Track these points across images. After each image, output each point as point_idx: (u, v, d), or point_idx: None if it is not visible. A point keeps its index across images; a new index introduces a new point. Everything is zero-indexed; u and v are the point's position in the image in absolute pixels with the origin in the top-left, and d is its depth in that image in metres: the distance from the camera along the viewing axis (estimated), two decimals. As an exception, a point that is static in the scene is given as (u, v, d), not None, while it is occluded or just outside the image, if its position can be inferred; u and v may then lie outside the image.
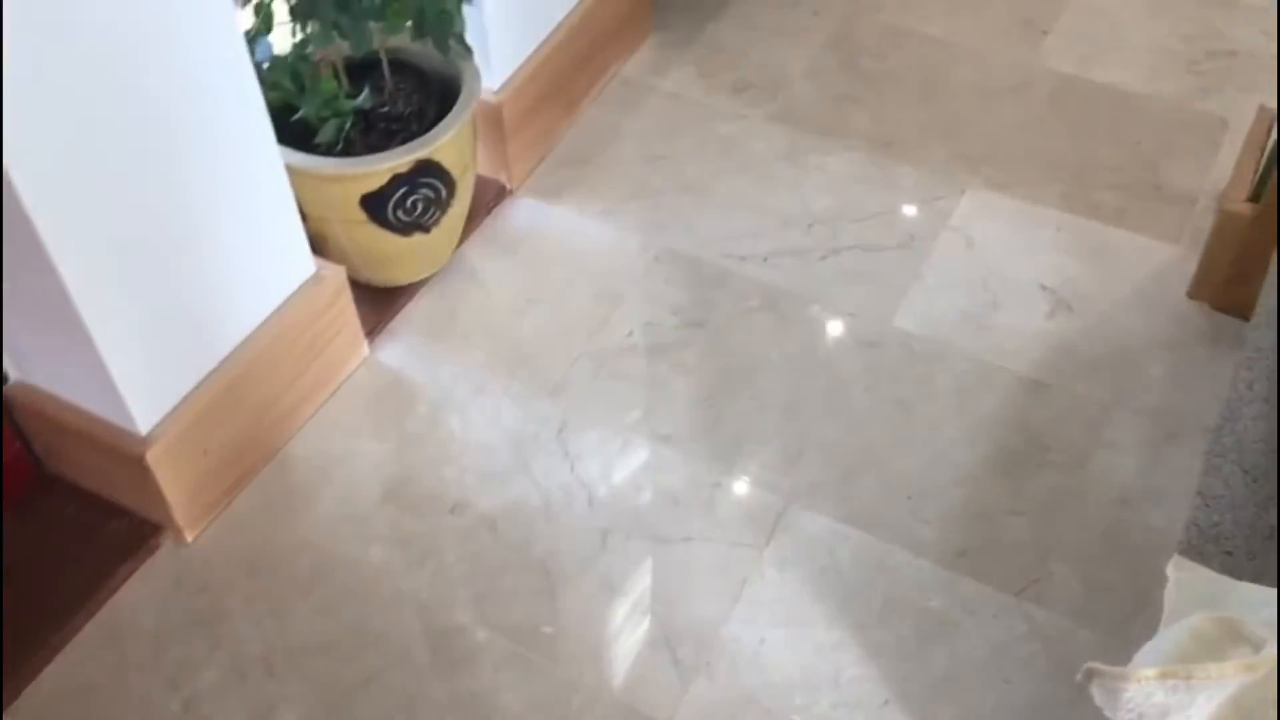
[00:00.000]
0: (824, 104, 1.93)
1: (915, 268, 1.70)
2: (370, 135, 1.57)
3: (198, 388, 1.37)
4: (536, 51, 1.78)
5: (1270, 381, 1.24)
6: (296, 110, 1.49)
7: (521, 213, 1.80)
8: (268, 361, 1.44)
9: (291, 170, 1.42)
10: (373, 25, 1.48)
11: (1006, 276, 1.68)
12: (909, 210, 1.78)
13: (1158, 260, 1.69)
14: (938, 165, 1.83)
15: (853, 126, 1.90)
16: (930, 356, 1.59)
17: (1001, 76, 1.96)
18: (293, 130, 1.48)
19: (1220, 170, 1.78)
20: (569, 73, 1.86)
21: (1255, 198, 1.52)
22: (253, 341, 1.42)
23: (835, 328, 1.64)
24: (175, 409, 1.36)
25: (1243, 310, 1.58)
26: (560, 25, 1.81)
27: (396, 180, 1.51)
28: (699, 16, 2.09)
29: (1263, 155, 1.56)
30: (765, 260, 1.72)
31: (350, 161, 1.50)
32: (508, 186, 1.82)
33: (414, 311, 1.67)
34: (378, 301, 1.65)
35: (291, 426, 1.52)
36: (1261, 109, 1.66)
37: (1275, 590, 0.87)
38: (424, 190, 1.55)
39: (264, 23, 1.43)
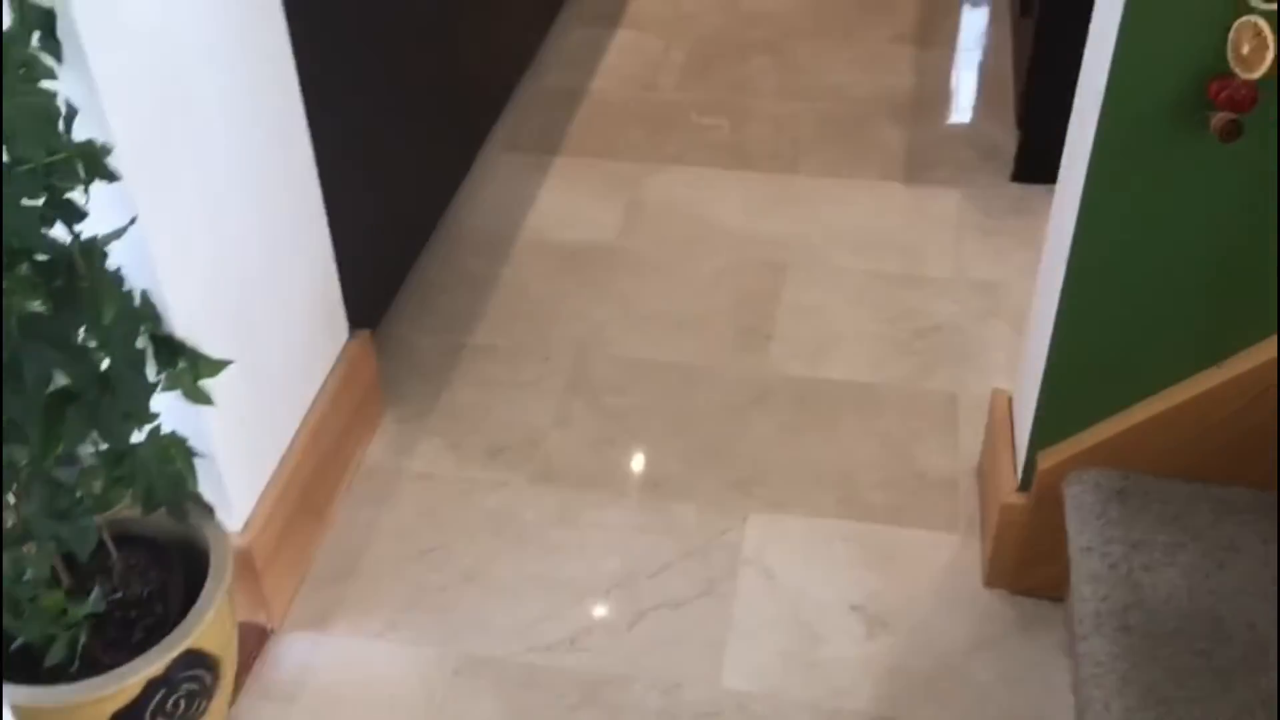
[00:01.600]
0: (583, 453, 1.89)
1: (726, 616, 1.65)
2: (108, 631, 1.35)
3: None
4: (276, 475, 1.63)
5: (1123, 694, 1.25)
6: (15, 639, 1.27)
7: (291, 652, 1.62)
8: None
9: (22, 710, 1.19)
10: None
11: (815, 604, 1.66)
12: (700, 552, 1.74)
13: (945, 554, 1.72)
14: (713, 496, 1.82)
15: (618, 472, 1.86)
16: (770, 716, 1.53)
17: (742, 390, 1.99)
18: (14, 658, 1.25)
19: (966, 447, 1.87)
20: (312, 483, 1.72)
21: (1025, 485, 1.58)
22: None
23: (668, 706, 1.54)
24: None
25: (1045, 590, 1.62)
26: (294, 439, 1.68)
27: (152, 686, 1.30)
28: (430, 384, 2.02)
29: (1013, 440, 1.65)
30: (572, 644, 1.62)
31: (93, 684, 1.27)
32: (269, 627, 1.63)
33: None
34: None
35: None
36: (996, 392, 1.76)
37: None
38: (187, 685, 1.34)
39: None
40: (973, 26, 2.96)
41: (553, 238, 2.33)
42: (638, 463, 1.88)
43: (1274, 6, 1.14)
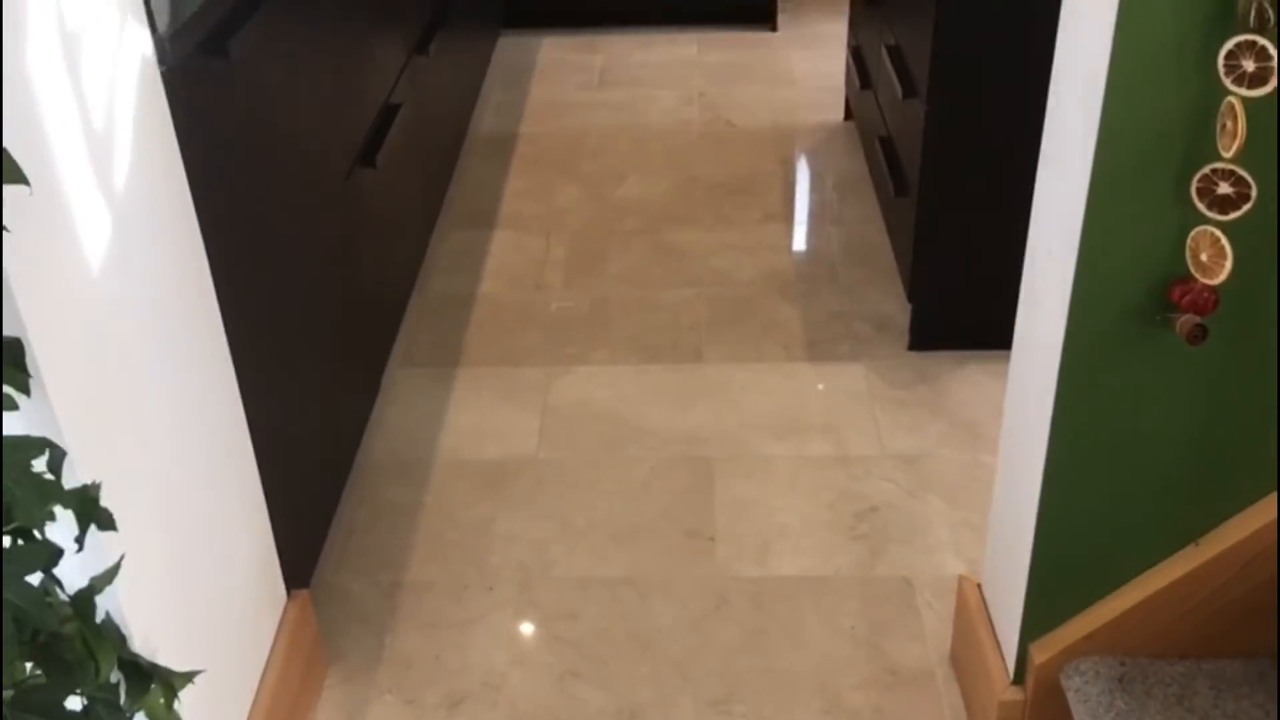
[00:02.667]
0: (548, 692, 1.80)
1: None
2: None
3: None
4: (238, 771, 1.49)
5: None
6: None
7: None
8: None
9: None
10: None
11: (821, 828, 1.60)
12: (692, 787, 1.66)
13: (940, 752, 1.70)
14: (692, 722, 1.75)
15: (589, 708, 1.77)
16: None
17: (698, 600, 1.95)
18: None
19: (933, 634, 1.86)
20: (272, 770, 1.58)
21: (1018, 679, 1.58)
22: None
23: None
24: None
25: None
26: (252, 725, 1.55)
27: None
28: (372, 633, 1.90)
29: (994, 632, 1.64)
30: None
31: None
32: None
33: None
34: None
35: None
36: (963, 579, 1.76)
37: None
38: None
39: None
40: (838, 203, 3.08)
41: (470, 456, 2.26)
42: (608, 696, 1.79)
43: (1226, 217, 1.20)
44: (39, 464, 0.87)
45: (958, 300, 2.44)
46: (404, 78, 2.51)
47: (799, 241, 2.91)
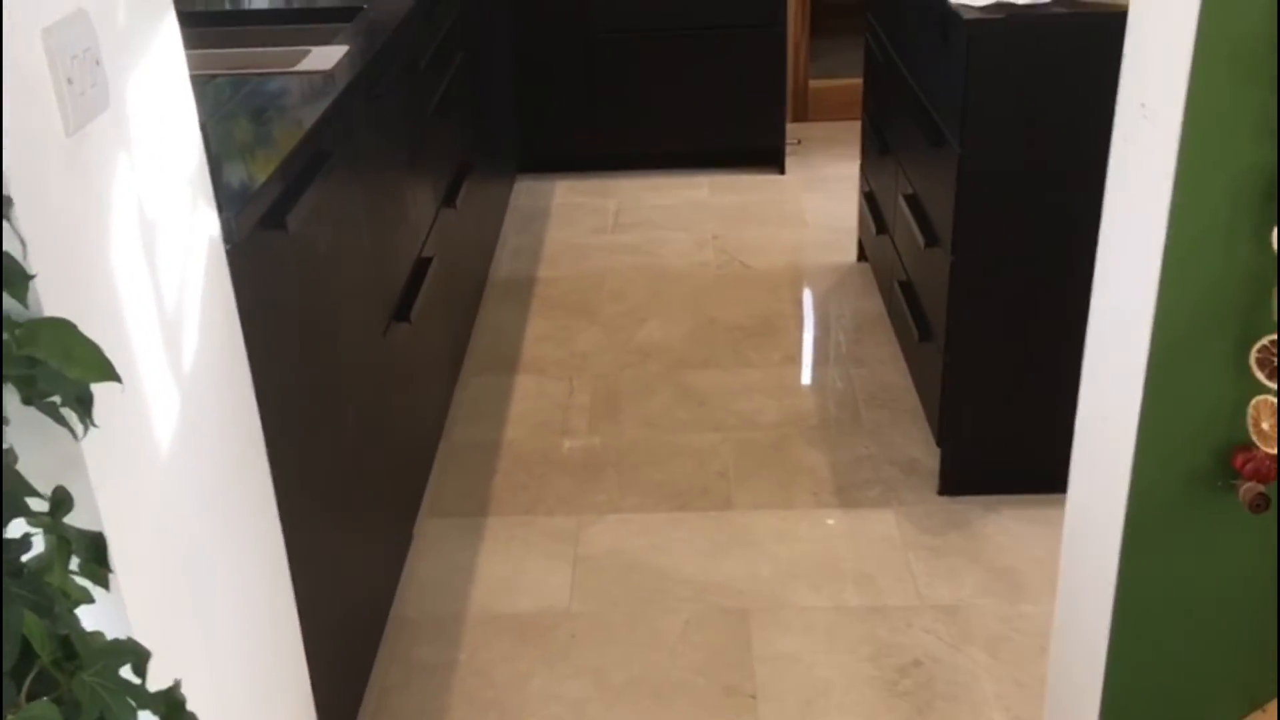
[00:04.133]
0: None
1: None
2: None
3: None
4: None
5: None
6: None
7: None
8: None
9: None
10: None
11: None
12: None
13: None
14: None
15: None
16: None
17: (743, 761, 1.90)
18: None
19: (986, 795, 1.82)
20: None
21: None
22: None
23: None
24: None
25: None
26: None
27: None
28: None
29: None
30: None
31: None
32: None
33: None
34: None
35: None
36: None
37: None
38: None
39: None
40: (856, 345, 3.11)
41: (502, 610, 2.23)
42: None
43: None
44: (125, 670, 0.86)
45: (987, 445, 2.45)
46: (434, 230, 2.56)
47: (820, 384, 2.93)
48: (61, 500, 0.91)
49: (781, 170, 4.18)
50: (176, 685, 0.92)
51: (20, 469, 0.87)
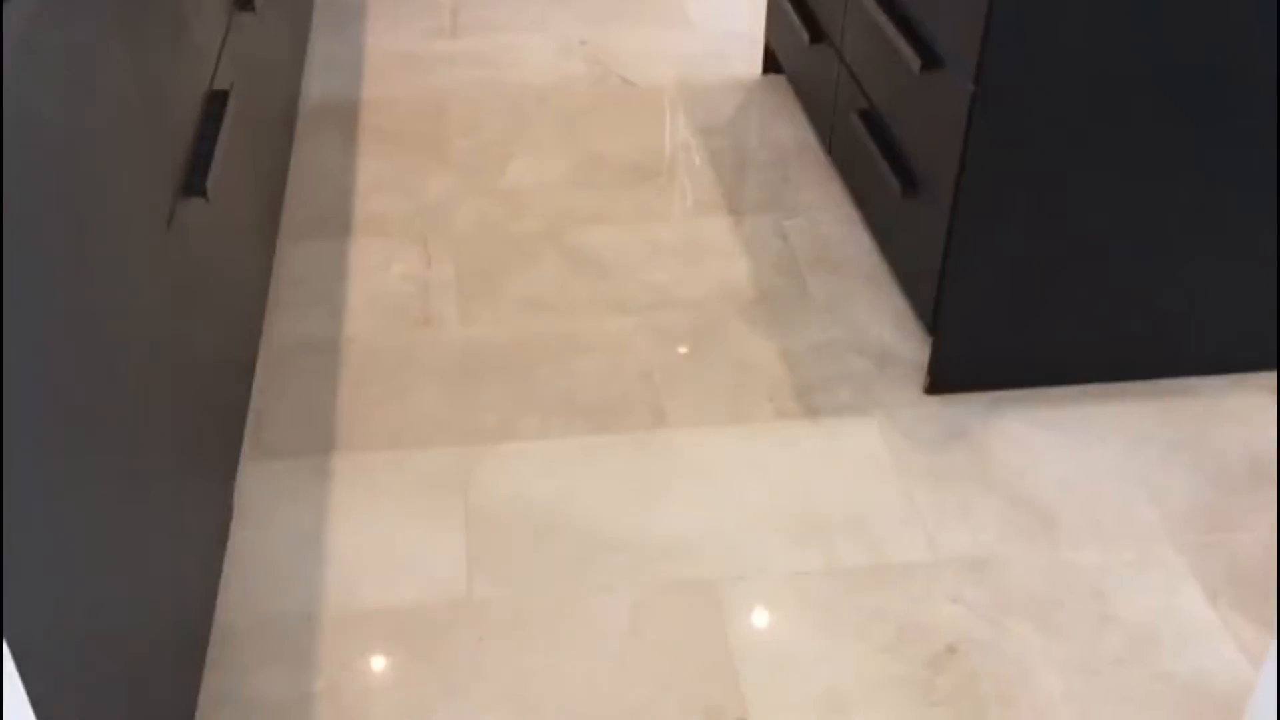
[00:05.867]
0: None
1: None
2: None
3: None
4: None
5: None
6: None
7: None
8: None
9: None
10: None
11: None
12: None
13: None
14: None
15: None
16: None
17: (747, 827, 1.36)
18: None
19: None
20: None
21: None
22: None
23: None
24: None
25: None
26: None
27: None
28: None
29: None
30: None
31: None
32: None
33: None
34: None
35: None
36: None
37: None
38: None
39: None
40: (786, 188, 2.48)
41: (373, 604, 1.59)
42: None
43: None
44: None
45: (993, 331, 1.90)
46: (226, 50, 1.75)
47: (750, 241, 2.30)
48: None
49: (652, -45, 3.41)
50: None
51: None
